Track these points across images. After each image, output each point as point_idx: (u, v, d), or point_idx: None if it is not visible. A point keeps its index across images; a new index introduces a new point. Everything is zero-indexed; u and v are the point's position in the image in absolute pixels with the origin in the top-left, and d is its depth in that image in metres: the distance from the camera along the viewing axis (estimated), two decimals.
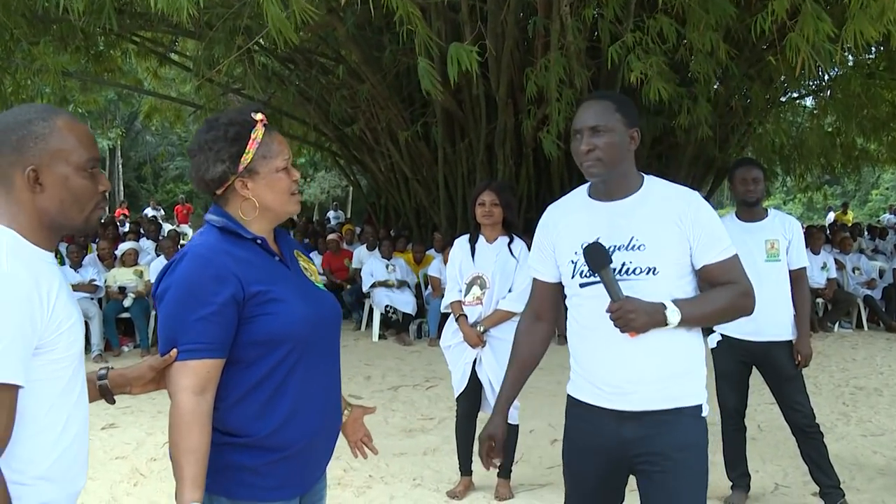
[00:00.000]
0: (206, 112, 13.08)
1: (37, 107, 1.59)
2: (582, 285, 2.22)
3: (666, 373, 2.15)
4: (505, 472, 4.29)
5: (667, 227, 2.17)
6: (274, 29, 5.16)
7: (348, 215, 25.40)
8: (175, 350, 1.74)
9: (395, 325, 9.40)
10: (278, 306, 1.80)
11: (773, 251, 3.90)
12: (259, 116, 1.87)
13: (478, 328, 4.13)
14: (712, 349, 4.07)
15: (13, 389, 1.41)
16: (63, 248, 8.81)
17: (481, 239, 4.24)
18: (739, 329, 3.90)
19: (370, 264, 9.80)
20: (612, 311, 2.05)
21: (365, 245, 10.84)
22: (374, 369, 7.68)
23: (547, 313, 2.44)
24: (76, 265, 8.75)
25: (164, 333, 1.77)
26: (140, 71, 14.57)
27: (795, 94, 13.71)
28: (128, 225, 13.72)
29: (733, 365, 4.03)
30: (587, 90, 9.47)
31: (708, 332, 4.44)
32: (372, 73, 10.13)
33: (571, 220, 2.30)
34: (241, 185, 1.85)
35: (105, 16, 6.56)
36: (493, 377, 4.06)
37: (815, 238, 9.60)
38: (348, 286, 10.43)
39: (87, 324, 7.72)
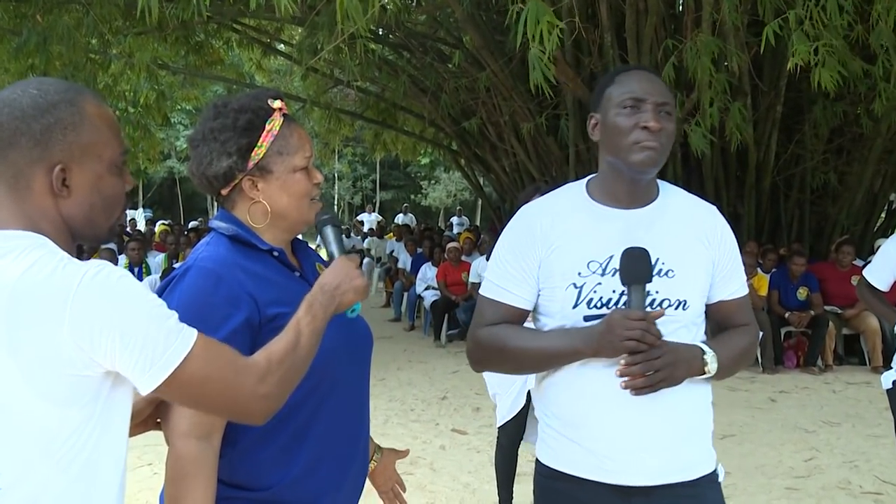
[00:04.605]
0: (311, 107, 13.45)
1: (55, 84, 1.38)
2: (588, 318, 1.87)
3: (682, 433, 1.90)
4: None
5: (693, 248, 1.92)
6: (340, 13, 5.16)
7: (477, 222, 25.47)
8: None
9: None
10: None
11: None
12: (277, 104, 1.74)
13: None
14: (888, 390, 3.70)
15: None
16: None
17: None
18: None
19: None
20: (653, 358, 1.76)
21: (485, 256, 10.76)
22: (486, 399, 7.53)
23: None
24: None
25: None
26: (244, 63, 15.18)
27: None
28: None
29: None
30: (748, 75, 9.04)
31: (886, 366, 4.06)
32: (493, 58, 10.07)
33: (571, 228, 1.91)
34: (249, 184, 1.73)
35: (193, 3, 6.77)
36: None
37: None
38: (464, 302, 10.40)
39: None
